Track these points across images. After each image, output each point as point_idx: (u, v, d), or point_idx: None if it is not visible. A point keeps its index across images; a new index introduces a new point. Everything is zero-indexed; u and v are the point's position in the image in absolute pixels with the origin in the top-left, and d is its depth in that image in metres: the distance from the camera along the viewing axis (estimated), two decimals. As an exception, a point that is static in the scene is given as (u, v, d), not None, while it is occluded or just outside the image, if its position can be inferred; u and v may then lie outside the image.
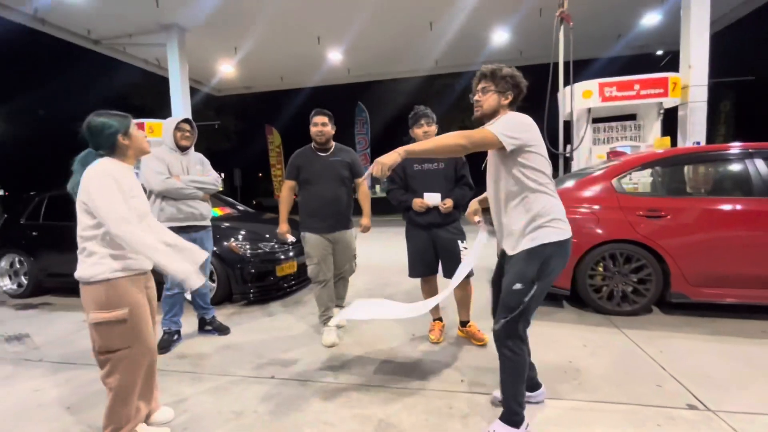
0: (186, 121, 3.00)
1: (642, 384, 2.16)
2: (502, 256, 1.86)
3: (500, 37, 9.86)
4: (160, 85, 10.82)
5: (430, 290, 2.92)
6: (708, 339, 2.74)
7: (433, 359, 2.57)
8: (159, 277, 3.01)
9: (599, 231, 3.20)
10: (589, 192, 3.34)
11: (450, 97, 19.53)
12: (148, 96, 19.94)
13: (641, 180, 3.63)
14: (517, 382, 1.68)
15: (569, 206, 3.27)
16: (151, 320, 1.82)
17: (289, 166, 3.08)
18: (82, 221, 1.64)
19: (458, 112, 19.21)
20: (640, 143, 6.50)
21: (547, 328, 3.03)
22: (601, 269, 3.27)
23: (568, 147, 6.24)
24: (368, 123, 16.02)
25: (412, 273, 2.89)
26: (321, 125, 2.96)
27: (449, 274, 2.67)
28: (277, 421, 1.94)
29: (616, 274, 3.22)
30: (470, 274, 2.53)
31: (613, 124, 6.86)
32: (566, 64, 6.03)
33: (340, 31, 9.35)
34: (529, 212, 1.63)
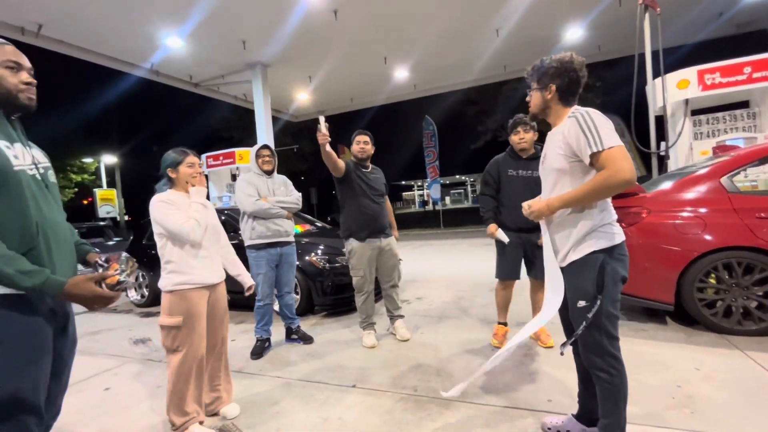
0: (265, 147, 3.31)
1: (778, 417, 1.83)
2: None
3: (574, 34, 9.30)
4: (246, 117, 12.12)
5: (505, 297, 2.99)
6: None
7: (519, 373, 2.46)
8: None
9: (708, 237, 2.81)
10: (692, 193, 2.96)
11: (521, 101, 18.78)
12: (237, 128, 22.45)
13: (760, 177, 3.12)
14: (618, 407, 1.52)
15: (667, 210, 2.97)
16: (218, 327, 2.15)
17: (344, 163, 3.05)
18: (157, 242, 2.03)
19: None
20: (756, 134, 5.58)
21: (648, 347, 2.71)
22: (713, 281, 2.85)
23: (662, 144, 5.59)
24: (436, 135, 16.06)
25: (499, 274, 2.95)
26: (363, 143, 3.17)
27: (536, 274, 2.81)
28: (361, 428, 2.01)
29: (733, 286, 2.78)
30: None
31: (719, 114, 5.98)
32: (654, 53, 5.47)
33: (405, 50, 9.62)
34: (582, 221, 1.53)
